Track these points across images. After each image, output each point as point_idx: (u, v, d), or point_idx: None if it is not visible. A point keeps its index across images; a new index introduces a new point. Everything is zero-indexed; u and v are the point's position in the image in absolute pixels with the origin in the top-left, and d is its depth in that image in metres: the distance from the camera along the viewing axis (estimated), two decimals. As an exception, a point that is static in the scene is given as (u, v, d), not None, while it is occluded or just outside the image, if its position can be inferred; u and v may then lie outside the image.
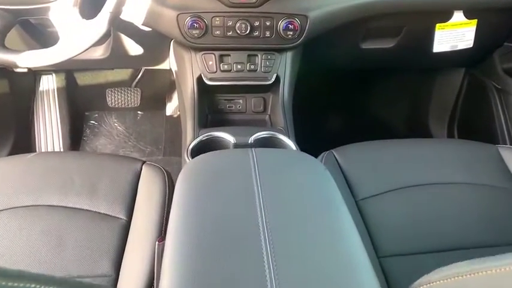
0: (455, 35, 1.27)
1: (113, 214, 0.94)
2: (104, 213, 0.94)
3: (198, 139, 1.00)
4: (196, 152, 1.00)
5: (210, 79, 1.14)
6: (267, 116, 1.25)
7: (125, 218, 0.94)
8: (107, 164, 1.03)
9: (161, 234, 0.88)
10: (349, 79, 1.74)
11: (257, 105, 1.25)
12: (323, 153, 1.06)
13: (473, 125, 1.61)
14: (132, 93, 1.87)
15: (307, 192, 0.59)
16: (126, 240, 0.90)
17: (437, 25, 1.25)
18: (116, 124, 1.91)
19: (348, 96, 1.80)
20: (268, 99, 1.25)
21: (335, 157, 1.05)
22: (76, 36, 0.90)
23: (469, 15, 1.25)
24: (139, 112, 1.94)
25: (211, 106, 1.25)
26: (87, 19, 0.91)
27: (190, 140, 1.03)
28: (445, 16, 1.24)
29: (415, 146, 1.12)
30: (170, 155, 1.85)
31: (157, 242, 0.77)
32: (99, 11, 0.91)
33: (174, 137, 1.89)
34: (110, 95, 1.85)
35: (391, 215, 0.93)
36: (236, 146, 0.99)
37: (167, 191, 0.97)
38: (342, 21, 1.15)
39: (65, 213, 0.94)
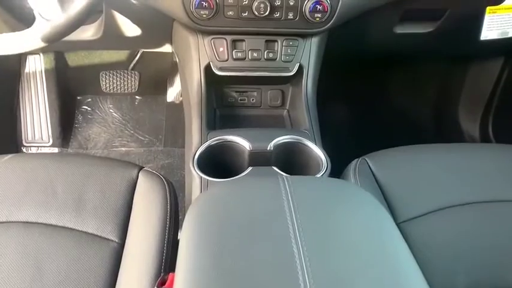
0: (507, 20, 1.09)
1: (103, 235, 0.78)
2: (92, 234, 0.78)
3: (206, 144, 0.83)
4: (203, 159, 0.83)
5: (220, 69, 0.96)
6: (285, 111, 1.08)
7: (117, 240, 0.78)
8: (96, 170, 0.86)
9: (161, 266, 0.72)
10: (372, 67, 1.55)
11: (274, 99, 1.07)
12: (355, 160, 0.90)
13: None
14: (129, 77, 1.68)
15: (365, 247, 0.43)
16: (118, 269, 0.75)
17: (488, 8, 1.06)
18: (111, 110, 1.73)
19: (371, 85, 1.62)
20: (287, 91, 1.07)
21: (369, 166, 0.89)
22: (55, 19, 0.71)
23: (526, -3, 1.06)
24: (137, 97, 1.75)
25: (220, 99, 1.07)
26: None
27: (196, 144, 0.86)
28: (498, -3, 1.05)
29: (460, 153, 0.95)
30: (171, 146, 1.67)
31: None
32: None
33: (175, 125, 1.72)
34: (104, 79, 1.66)
35: (440, 243, 0.77)
36: (253, 153, 0.82)
37: (169, 207, 0.81)
38: (379, 1, 0.96)
39: (45, 232, 0.77)
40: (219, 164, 0.87)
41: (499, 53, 1.42)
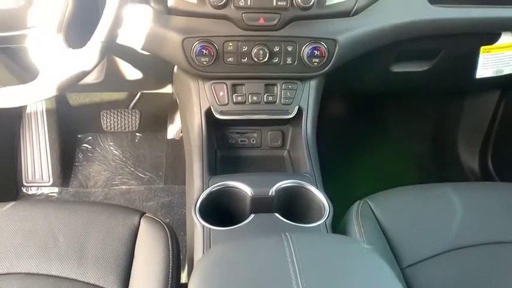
0: (501, 58, 1.11)
1: (105, 285, 0.77)
2: (94, 284, 0.78)
3: (207, 191, 0.83)
4: (205, 204, 0.83)
5: (221, 112, 0.97)
6: (286, 151, 1.08)
7: (119, 291, 0.77)
8: (97, 217, 0.86)
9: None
10: (369, 102, 1.57)
11: (274, 140, 1.08)
12: (357, 203, 0.90)
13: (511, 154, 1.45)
14: (130, 115, 1.69)
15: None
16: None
17: (482, 48, 1.09)
18: (111, 148, 1.74)
19: (368, 121, 1.63)
20: (288, 132, 1.08)
21: (371, 208, 0.89)
22: (60, 70, 0.73)
23: (518, 36, 1.08)
24: (137, 134, 1.76)
25: (221, 140, 1.08)
26: (73, 48, 0.74)
27: (198, 191, 0.86)
28: (491, 38, 1.08)
29: (463, 193, 0.95)
30: (172, 183, 1.67)
31: None
32: (88, 37, 0.74)
33: (176, 162, 1.72)
34: (105, 118, 1.68)
35: (447, 287, 0.76)
36: (254, 198, 0.82)
37: (171, 256, 0.80)
38: (375, 45, 0.98)
39: (47, 284, 0.77)
40: (221, 208, 0.86)
41: (494, 87, 1.44)
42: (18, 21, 0.73)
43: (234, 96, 0.97)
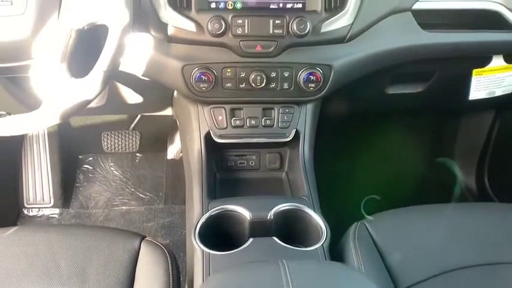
0: (493, 80, 1.14)
1: (106, 310, 0.78)
2: (95, 308, 0.78)
3: (206, 215, 0.85)
4: (205, 228, 0.84)
5: (220, 136, 0.99)
6: (284, 173, 1.10)
7: (119, 316, 0.77)
8: (98, 241, 0.87)
9: None
10: (366, 123, 1.59)
11: (272, 162, 1.10)
12: (354, 225, 0.91)
13: (508, 171, 1.46)
14: (130, 137, 1.72)
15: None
16: None
17: (474, 71, 1.11)
18: (112, 168, 1.75)
19: (365, 141, 1.65)
20: (285, 154, 1.09)
21: (368, 230, 0.90)
22: (63, 99, 0.75)
23: (509, 59, 1.11)
24: (138, 154, 1.78)
25: (220, 163, 1.09)
26: (76, 77, 0.77)
27: (197, 215, 0.87)
28: (483, 61, 1.11)
29: (460, 214, 0.96)
30: (172, 203, 1.68)
31: None
32: (91, 66, 0.77)
33: (176, 182, 1.73)
34: (105, 139, 1.70)
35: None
36: (253, 222, 0.84)
37: (171, 281, 0.81)
38: (370, 70, 1.01)
39: (48, 309, 0.77)
40: (220, 231, 0.88)
41: (489, 108, 1.46)
42: (23, 52, 0.75)
43: (232, 120, 0.99)
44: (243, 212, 0.85)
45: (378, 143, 1.63)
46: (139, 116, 1.68)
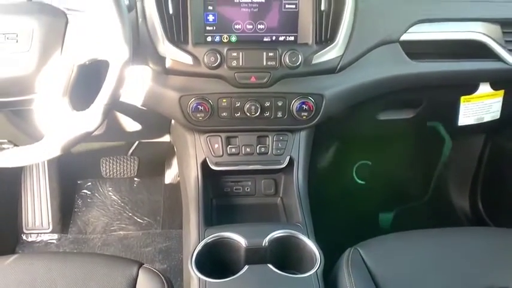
0: (481, 107, 1.17)
1: (103, 338, 0.79)
2: (92, 337, 0.79)
3: (203, 243, 0.87)
4: (201, 255, 0.86)
5: (216, 164, 1.02)
6: (279, 199, 1.12)
7: None
8: (97, 269, 0.89)
9: None
10: (358, 146, 1.62)
11: (267, 188, 1.12)
12: (347, 251, 0.93)
13: (500, 194, 1.49)
14: (129, 162, 1.74)
15: None
16: None
17: (462, 98, 1.15)
18: (110, 193, 1.77)
19: (356, 163, 1.68)
20: (280, 180, 1.12)
21: (361, 256, 0.91)
22: (65, 131, 0.78)
23: (495, 86, 1.15)
24: (135, 179, 1.81)
25: (216, 189, 1.12)
26: (77, 110, 0.80)
27: (194, 242, 0.89)
28: (470, 88, 1.15)
29: (453, 239, 0.98)
30: (169, 227, 1.70)
31: None
32: (92, 99, 0.80)
33: (173, 206, 1.75)
34: (104, 165, 1.72)
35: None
36: (248, 249, 0.86)
37: (168, 309, 0.82)
38: (361, 98, 1.04)
39: (46, 337, 0.78)
40: (217, 258, 0.90)
41: (479, 132, 1.50)
42: (27, 87, 0.78)
43: (228, 148, 1.02)
44: (238, 239, 0.87)
45: (370, 166, 1.66)
46: (137, 142, 1.71)
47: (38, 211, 1.65)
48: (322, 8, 0.93)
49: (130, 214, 1.73)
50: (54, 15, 0.80)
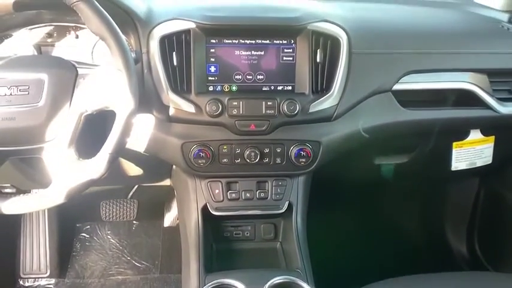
0: (473, 152, 1.21)
1: None
2: None
3: (203, 289, 0.87)
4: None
5: (216, 209, 1.04)
6: (278, 243, 1.13)
7: None
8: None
9: None
10: (356, 190, 1.65)
11: (267, 232, 1.13)
12: None
13: (496, 238, 1.50)
14: (128, 205, 1.76)
15: None
16: None
17: (454, 144, 1.19)
18: (108, 236, 1.77)
19: (357, 211, 1.70)
20: (279, 224, 1.14)
21: (361, 302, 0.92)
22: (70, 179, 0.80)
23: (486, 132, 1.19)
24: (134, 222, 1.81)
25: (217, 233, 1.13)
26: (83, 158, 0.83)
27: (194, 288, 0.90)
28: (462, 134, 1.19)
29: (452, 283, 0.98)
30: (167, 272, 1.68)
31: None
32: (98, 148, 0.83)
33: (172, 250, 1.74)
34: (104, 208, 1.74)
35: None
36: (248, 295, 0.86)
37: None
38: (356, 144, 1.08)
39: None
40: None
41: (473, 176, 1.53)
42: (37, 136, 0.81)
43: (228, 193, 1.05)
44: (238, 286, 0.87)
45: (370, 213, 1.68)
46: (137, 185, 1.73)
47: (36, 254, 1.64)
48: (318, 60, 0.98)
49: (128, 258, 1.72)
50: (64, 68, 0.84)
